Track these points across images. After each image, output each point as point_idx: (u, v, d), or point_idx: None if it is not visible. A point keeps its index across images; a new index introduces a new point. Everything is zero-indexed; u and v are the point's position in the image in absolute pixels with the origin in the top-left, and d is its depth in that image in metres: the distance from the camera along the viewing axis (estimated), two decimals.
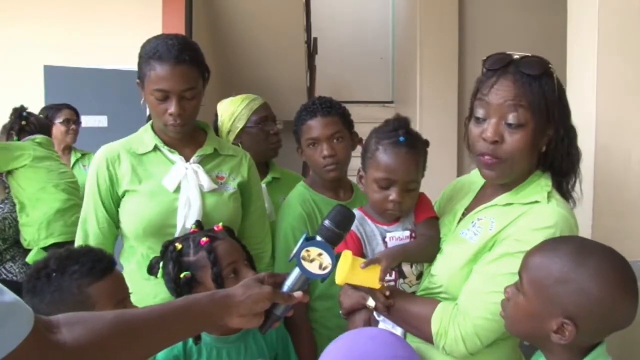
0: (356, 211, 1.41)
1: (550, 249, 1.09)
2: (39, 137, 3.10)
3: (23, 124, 3.15)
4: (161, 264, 1.50)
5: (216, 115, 2.27)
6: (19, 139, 3.12)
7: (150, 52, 1.63)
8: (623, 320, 1.05)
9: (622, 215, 1.86)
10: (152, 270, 1.52)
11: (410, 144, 1.40)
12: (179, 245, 1.47)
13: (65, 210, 2.99)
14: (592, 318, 1.03)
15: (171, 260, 1.46)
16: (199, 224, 1.58)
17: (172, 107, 1.62)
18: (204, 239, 1.45)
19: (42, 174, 2.99)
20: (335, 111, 1.86)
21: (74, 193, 3.06)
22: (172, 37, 1.66)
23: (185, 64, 1.61)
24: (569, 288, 1.03)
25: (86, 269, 1.24)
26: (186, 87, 1.62)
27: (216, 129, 2.20)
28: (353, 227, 1.35)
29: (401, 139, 1.39)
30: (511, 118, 1.22)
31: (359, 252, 1.42)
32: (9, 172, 3.01)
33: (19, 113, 3.20)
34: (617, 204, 1.86)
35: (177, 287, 1.43)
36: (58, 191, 2.99)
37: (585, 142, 1.86)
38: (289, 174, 2.33)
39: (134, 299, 1.58)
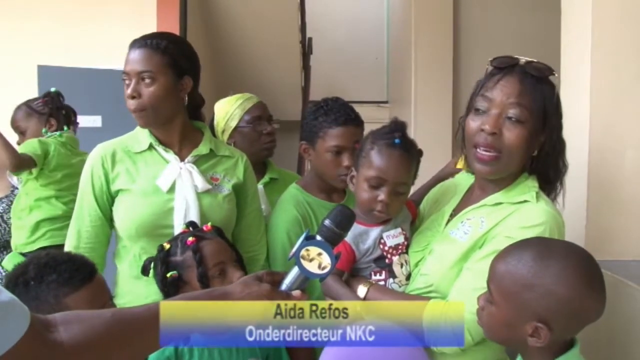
0: None
1: (512, 256, 1.09)
2: (64, 136, 2.92)
3: (63, 113, 2.95)
4: (152, 264, 1.50)
5: (214, 114, 2.26)
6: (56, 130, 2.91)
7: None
8: (594, 314, 1.06)
9: (616, 215, 1.87)
10: (144, 271, 1.53)
11: (405, 147, 1.42)
12: (167, 245, 1.49)
13: (56, 219, 2.84)
14: (564, 317, 1.04)
15: (159, 260, 1.47)
16: (191, 224, 1.58)
17: (129, 89, 1.63)
18: (191, 239, 1.46)
19: (53, 183, 2.84)
20: (359, 121, 1.85)
21: (72, 205, 2.89)
22: (156, 32, 1.68)
23: (146, 47, 1.62)
24: (536, 292, 1.03)
25: (64, 279, 1.21)
26: (142, 70, 1.61)
27: (212, 129, 2.20)
28: (347, 238, 1.35)
29: (397, 141, 1.41)
30: (512, 113, 1.25)
31: (351, 263, 1.42)
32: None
33: (58, 99, 2.96)
34: (611, 205, 1.87)
35: (165, 286, 1.44)
36: (58, 202, 2.85)
37: (579, 143, 1.87)
38: (287, 174, 2.30)
39: (125, 299, 1.57)
